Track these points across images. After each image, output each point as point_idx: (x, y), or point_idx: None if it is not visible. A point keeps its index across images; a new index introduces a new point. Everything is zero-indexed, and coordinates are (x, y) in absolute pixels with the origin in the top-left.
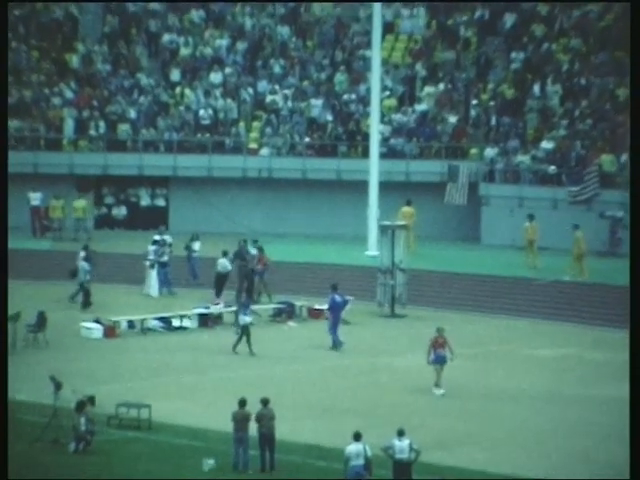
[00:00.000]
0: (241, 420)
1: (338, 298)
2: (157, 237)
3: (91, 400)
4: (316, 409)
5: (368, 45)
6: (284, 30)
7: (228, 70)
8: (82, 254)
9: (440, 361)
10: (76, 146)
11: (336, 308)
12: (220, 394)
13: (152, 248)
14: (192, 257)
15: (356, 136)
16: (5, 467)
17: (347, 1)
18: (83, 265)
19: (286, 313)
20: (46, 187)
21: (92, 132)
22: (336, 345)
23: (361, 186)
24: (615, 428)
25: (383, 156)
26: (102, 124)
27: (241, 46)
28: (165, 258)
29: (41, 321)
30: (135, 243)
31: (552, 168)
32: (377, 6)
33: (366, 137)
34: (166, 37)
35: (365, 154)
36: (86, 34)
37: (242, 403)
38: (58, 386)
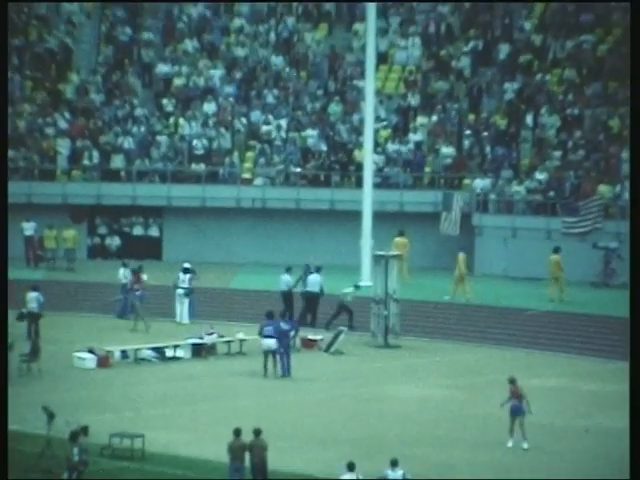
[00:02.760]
0: (237, 450)
1: (284, 325)
2: (187, 265)
3: (84, 430)
4: (310, 439)
5: (362, 75)
6: (278, 60)
7: (222, 100)
8: (33, 295)
9: (516, 413)
10: (70, 176)
11: (283, 335)
12: (214, 424)
13: (186, 277)
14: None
15: (350, 166)
16: (5, 466)
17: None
18: (33, 308)
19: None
20: (40, 217)
21: (86, 162)
22: (284, 374)
23: (355, 216)
24: (610, 459)
25: (377, 186)
26: (96, 154)
27: (235, 76)
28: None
29: (35, 351)
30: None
31: (549, 194)
32: (371, 36)
33: (360, 167)
34: (160, 67)
35: (359, 184)
36: (80, 64)
37: (237, 433)
38: (51, 416)
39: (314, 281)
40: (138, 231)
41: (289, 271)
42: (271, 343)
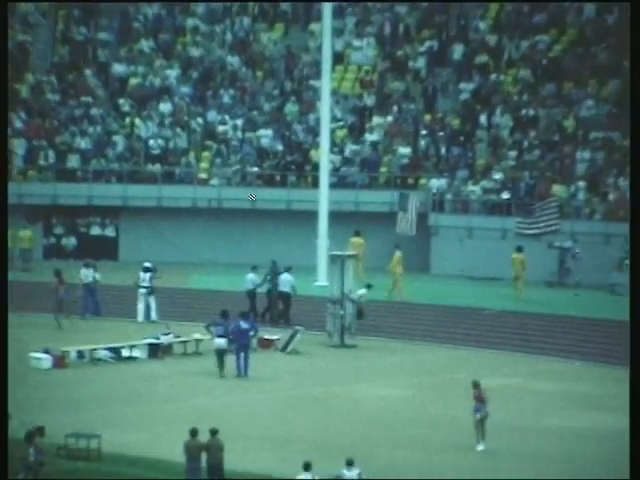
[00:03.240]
0: (193, 450)
1: (243, 324)
2: (148, 264)
3: (40, 431)
4: (266, 439)
5: (318, 75)
6: (234, 60)
7: (178, 100)
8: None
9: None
10: (25, 176)
11: (242, 335)
12: (171, 424)
13: (147, 275)
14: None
15: (306, 166)
16: (5, 466)
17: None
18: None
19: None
20: None
21: (41, 162)
22: (240, 373)
23: (311, 216)
24: (563, 459)
25: (333, 186)
26: (52, 154)
27: (191, 76)
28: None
29: None
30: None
31: (504, 195)
32: (327, 36)
33: (316, 167)
34: (116, 67)
35: (315, 184)
36: (36, 64)
37: (194, 433)
38: (7, 417)
39: (285, 280)
40: (94, 231)
41: (254, 270)
42: (221, 342)
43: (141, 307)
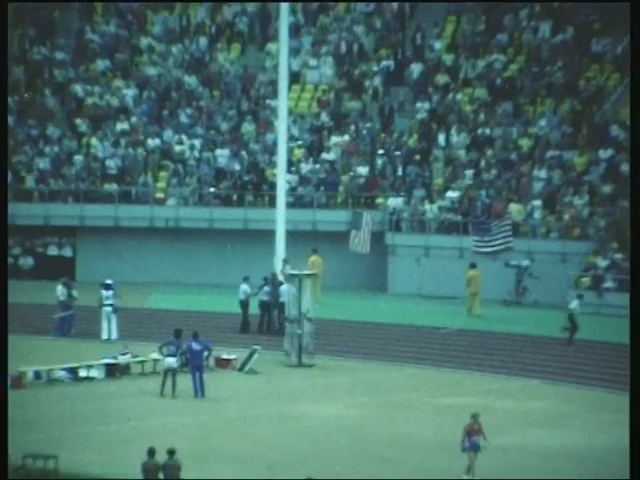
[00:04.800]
0: (151, 470)
1: (195, 345)
2: (109, 281)
3: None
4: (224, 458)
5: (275, 94)
6: (191, 80)
7: (135, 119)
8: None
9: (475, 448)
10: None
11: (194, 355)
12: (128, 444)
13: (109, 293)
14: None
15: (263, 185)
16: (5, 466)
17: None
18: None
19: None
20: None
21: None
22: (197, 394)
23: (268, 235)
24: (523, 476)
25: (290, 205)
26: (8, 174)
27: (148, 95)
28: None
29: None
30: (42, 293)
31: (458, 217)
32: (284, 55)
33: (273, 186)
34: (73, 87)
35: (272, 203)
36: None
37: (151, 453)
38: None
39: (285, 292)
40: (52, 251)
41: (247, 280)
42: (172, 362)
43: (105, 325)
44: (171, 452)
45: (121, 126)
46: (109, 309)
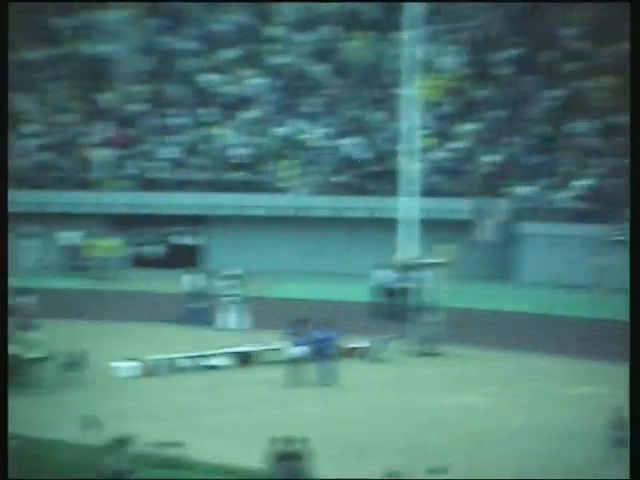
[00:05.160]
0: (278, 459)
1: (322, 334)
2: (231, 272)
3: (127, 439)
4: (350, 448)
5: (403, 83)
6: (318, 68)
7: (261, 108)
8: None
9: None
10: (111, 185)
11: (322, 344)
12: (255, 432)
13: (231, 283)
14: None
15: (390, 174)
16: (5, 466)
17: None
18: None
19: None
20: (79, 226)
21: (127, 171)
22: (323, 381)
23: (395, 224)
24: None
25: (418, 194)
26: (136, 163)
27: (275, 84)
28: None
29: (78, 360)
30: (170, 282)
31: (588, 205)
32: (413, 43)
33: (400, 175)
34: (200, 76)
35: (399, 192)
36: (121, 73)
37: (279, 441)
38: (93, 425)
39: (414, 279)
40: (179, 240)
41: (379, 268)
42: (298, 351)
43: (225, 315)
44: (298, 440)
45: (249, 115)
46: (233, 298)
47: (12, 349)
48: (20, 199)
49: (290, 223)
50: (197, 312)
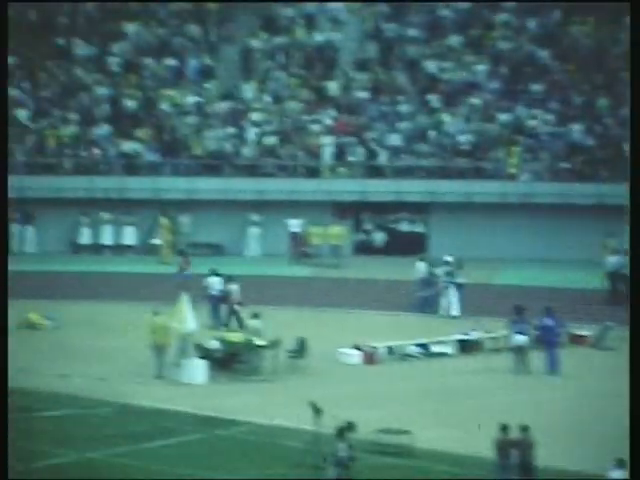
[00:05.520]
0: (503, 447)
1: (548, 321)
2: (448, 258)
3: (351, 426)
4: (577, 435)
5: (629, 68)
6: (544, 54)
7: (487, 95)
8: (217, 278)
9: None
10: (335, 173)
11: (547, 331)
12: (479, 420)
13: (445, 269)
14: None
15: (618, 160)
16: (5, 466)
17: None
18: (231, 289)
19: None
20: (305, 214)
21: (351, 159)
22: (550, 370)
23: (622, 210)
24: None
25: None
26: (360, 150)
27: (500, 71)
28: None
29: (301, 347)
30: (394, 269)
31: None
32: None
33: (628, 161)
34: (425, 63)
35: (626, 178)
36: (345, 61)
37: (504, 429)
38: (318, 412)
39: None
40: (404, 227)
41: (616, 253)
42: (522, 339)
43: (444, 301)
44: (524, 428)
45: (473, 101)
46: (450, 285)
47: (236, 336)
48: (246, 187)
49: (515, 210)
50: (426, 300)
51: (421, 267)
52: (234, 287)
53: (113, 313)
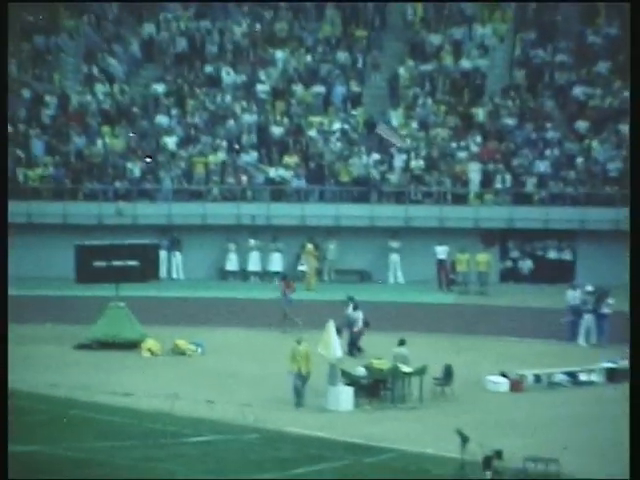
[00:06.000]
0: None
1: None
2: (590, 288)
3: (498, 454)
4: None
5: None
6: None
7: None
8: (351, 306)
9: None
10: (482, 199)
11: None
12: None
13: (589, 299)
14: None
15: None
16: (5, 466)
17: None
18: (352, 315)
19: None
20: (452, 241)
21: (498, 185)
22: None
23: None
24: None
25: None
26: (508, 177)
27: None
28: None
29: (448, 374)
30: (540, 297)
31: None
32: None
33: None
34: (574, 89)
35: None
36: (492, 88)
37: None
38: (465, 439)
39: None
40: (551, 255)
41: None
42: None
43: (586, 329)
44: None
45: (623, 128)
46: (591, 313)
47: (383, 363)
48: (392, 213)
49: None
50: (573, 328)
51: (571, 295)
52: (358, 314)
53: (258, 339)
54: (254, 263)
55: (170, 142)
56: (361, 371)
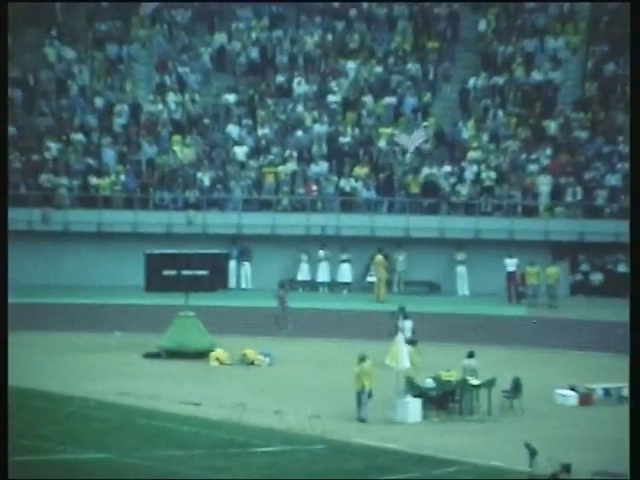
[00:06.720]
0: None
1: None
2: None
3: (566, 468)
4: None
5: None
6: None
7: None
8: (401, 315)
9: None
10: (552, 212)
11: None
12: None
13: None
14: None
15: None
16: (5, 466)
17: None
18: (403, 324)
19: None
20: (522, 253)
21: (568, 198)
22: None
23: None
24: None
25: None
26: (579, 190)
27: None
28: None
29: (516, 387)
30: (611, 310)
31: None
32: None
33: None
34: None
35: None
36: (565, 100)
37: None
38: (533, 453)
39: None
40: (622, 268)
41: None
42: None
43: None
44: None
45: None
46: None
47: (451, 375)
48: (462, 225)
49: None
50: None
51: None
52: (407, 324)
53: (326, 350)
54: (323, 274)
55: (240, 152)
56: (429, 383)
